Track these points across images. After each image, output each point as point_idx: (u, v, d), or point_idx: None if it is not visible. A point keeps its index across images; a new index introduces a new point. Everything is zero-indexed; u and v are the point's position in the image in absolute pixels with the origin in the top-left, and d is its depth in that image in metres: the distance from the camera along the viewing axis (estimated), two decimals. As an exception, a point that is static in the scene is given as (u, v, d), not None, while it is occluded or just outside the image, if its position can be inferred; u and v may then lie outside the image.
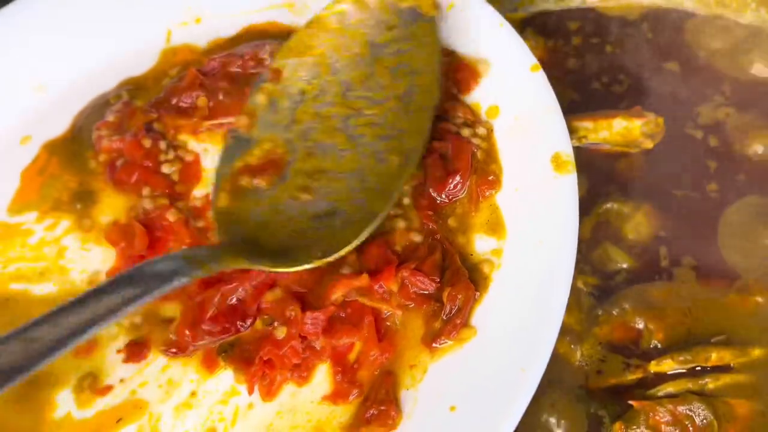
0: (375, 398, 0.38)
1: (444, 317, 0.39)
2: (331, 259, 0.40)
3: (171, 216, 0.45)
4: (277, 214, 0.42)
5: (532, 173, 0.42)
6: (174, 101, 0.49)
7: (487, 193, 0.43)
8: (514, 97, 0.45)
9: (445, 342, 0.39)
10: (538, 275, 0.39)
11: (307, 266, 0.40)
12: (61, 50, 0.52)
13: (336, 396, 0.39)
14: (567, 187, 0.40)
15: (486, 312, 0.40)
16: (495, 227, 0.42)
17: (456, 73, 0.46)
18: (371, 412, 0.38)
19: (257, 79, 0.47)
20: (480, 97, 0.46)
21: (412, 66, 0.45)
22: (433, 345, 0.39)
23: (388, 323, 0.40)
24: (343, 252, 0.40)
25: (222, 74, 0.49)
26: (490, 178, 0.43)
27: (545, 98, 0.43)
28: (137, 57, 0.52)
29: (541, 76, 0.44)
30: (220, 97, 0.48)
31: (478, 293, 0.40)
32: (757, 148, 0.48)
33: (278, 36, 0.51)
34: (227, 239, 0.41)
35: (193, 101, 0.48)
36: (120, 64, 0.52)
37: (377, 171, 0.42)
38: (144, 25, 0.53)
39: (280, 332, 0.40)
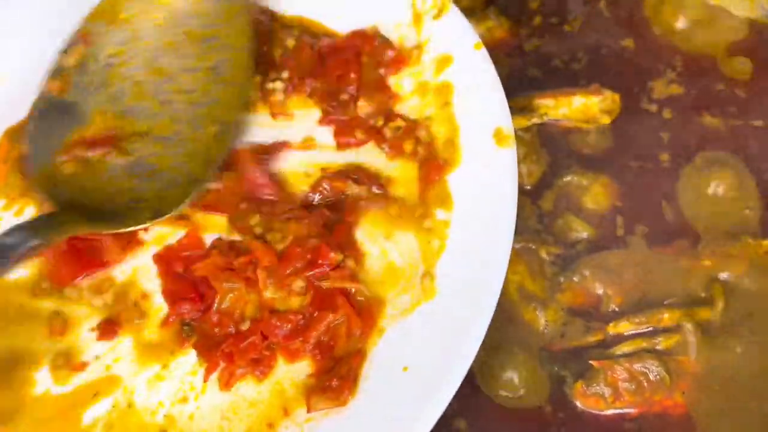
0: (338, 372, 0.39)
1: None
2: (160, 220, 0.42)
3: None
4: (97, 175, 0.43)
5: (476, 147, 0.43)
6: None
7: (436, 179, 0.44)
8: (459, 76, 0.46)
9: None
10: (482, 243, 0.40)
11: (140, 227, 0.42)
12: (22, 39, 0.52)
13: (320, 373, 0.40)
14: (508, 160, 0.42)
15: (437, 278, 0.41)
16: (444, 200, 0.43)
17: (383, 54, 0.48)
18: (330, 383, 0.39)
19: (65, 44, 0.47)
20: (429, 76, 0.47)
21: (223, 41, 0.46)
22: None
23: (359, 298, 0.41)
24: (171, 213, 0.42)
25: None
26: (438, 162, 0.44)
27: (487, 75, 0.44)
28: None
29: (482, 54, 0.45)
30: None
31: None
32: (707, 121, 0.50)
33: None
34: (55, 204, 0.42)
35: None
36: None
37: (195, 138, 0.44)
38: None
39: (245, 324, 0.41)
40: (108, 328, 0.43)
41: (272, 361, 0.41)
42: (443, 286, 0.41)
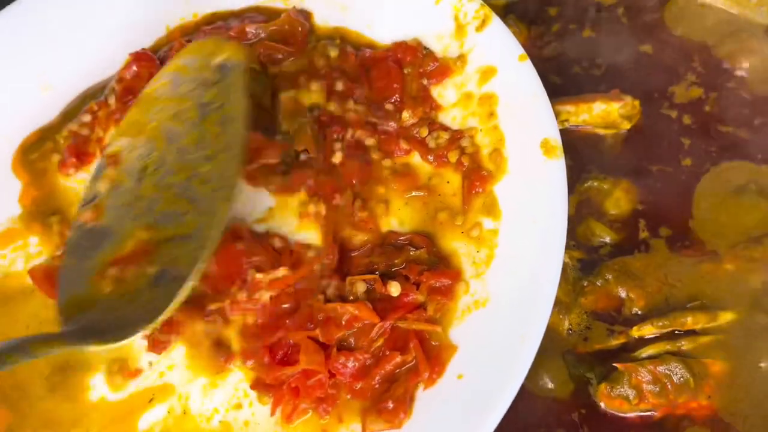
0: (393, 394, 0.39)
1: None
2: (158, 322, 0.39)
3: None
4: (126, 293, 0.41)
5: (524, 158, 0.44)
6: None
7: (480, 190, 0.45)
8: (505, 87, 0.46)
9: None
10: (533, 252, 0.41)
11: (132, 337, 0.38)
12: (68, 52, 0.54)
13: (375, 396, 0.40)
14: (556, 171, 0.42)
15: (488, 286, 0.42)
16: (491, 209, 0.44)
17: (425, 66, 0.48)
18: (385, 405, 0.39)
19: (95, 169, 0.46)
20: (473, 89, 0.48)
21: (229, 115, 0.44)
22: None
23: (433, 342, 0.41)
24: (171, 310, 0.39)
25: None
26: (483, 173, 0.45)
27: (533, 87, 0.45)
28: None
29: (528, 66, 0.46)
30: None
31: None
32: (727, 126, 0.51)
33: (271, 15, 0.53)
34: (68, 327, 0.39)
35: None
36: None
37: (210, 225, 0.41)
38: (145, 25, 0.54)
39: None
40: (158, 340, 0.44)
41: (337, 399, 0.40)
42: (495, 293, 0.41)
